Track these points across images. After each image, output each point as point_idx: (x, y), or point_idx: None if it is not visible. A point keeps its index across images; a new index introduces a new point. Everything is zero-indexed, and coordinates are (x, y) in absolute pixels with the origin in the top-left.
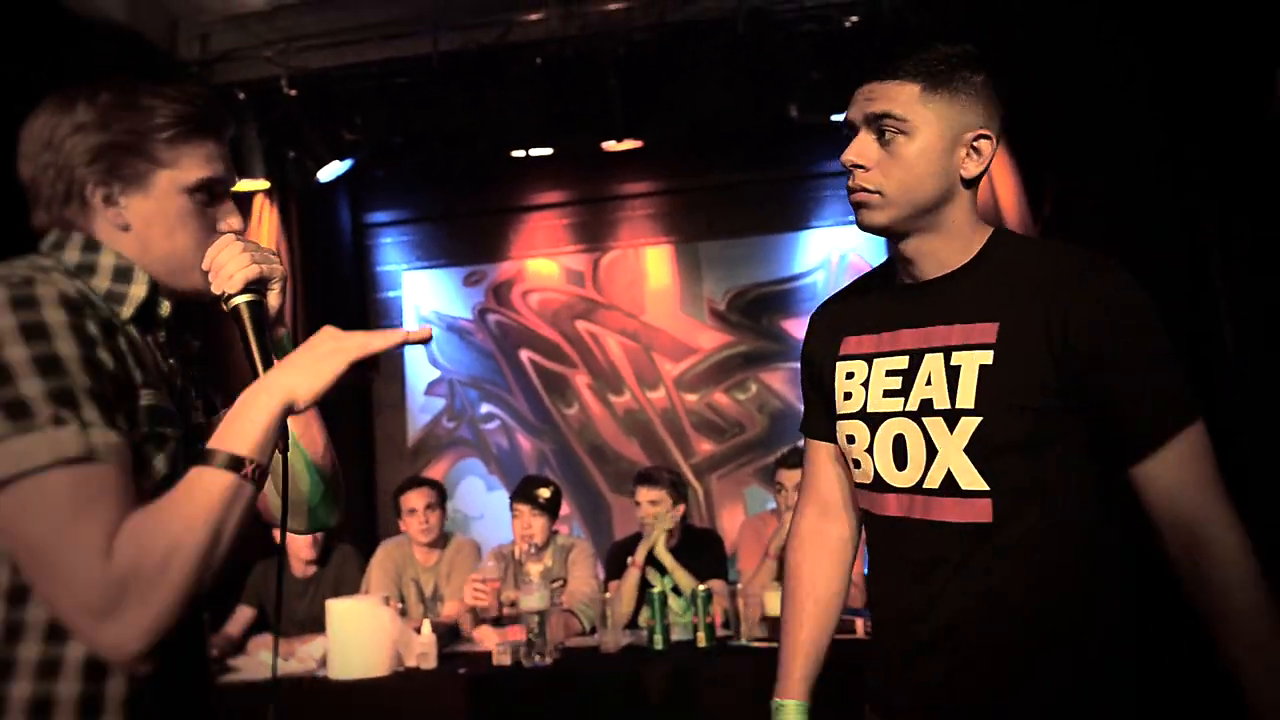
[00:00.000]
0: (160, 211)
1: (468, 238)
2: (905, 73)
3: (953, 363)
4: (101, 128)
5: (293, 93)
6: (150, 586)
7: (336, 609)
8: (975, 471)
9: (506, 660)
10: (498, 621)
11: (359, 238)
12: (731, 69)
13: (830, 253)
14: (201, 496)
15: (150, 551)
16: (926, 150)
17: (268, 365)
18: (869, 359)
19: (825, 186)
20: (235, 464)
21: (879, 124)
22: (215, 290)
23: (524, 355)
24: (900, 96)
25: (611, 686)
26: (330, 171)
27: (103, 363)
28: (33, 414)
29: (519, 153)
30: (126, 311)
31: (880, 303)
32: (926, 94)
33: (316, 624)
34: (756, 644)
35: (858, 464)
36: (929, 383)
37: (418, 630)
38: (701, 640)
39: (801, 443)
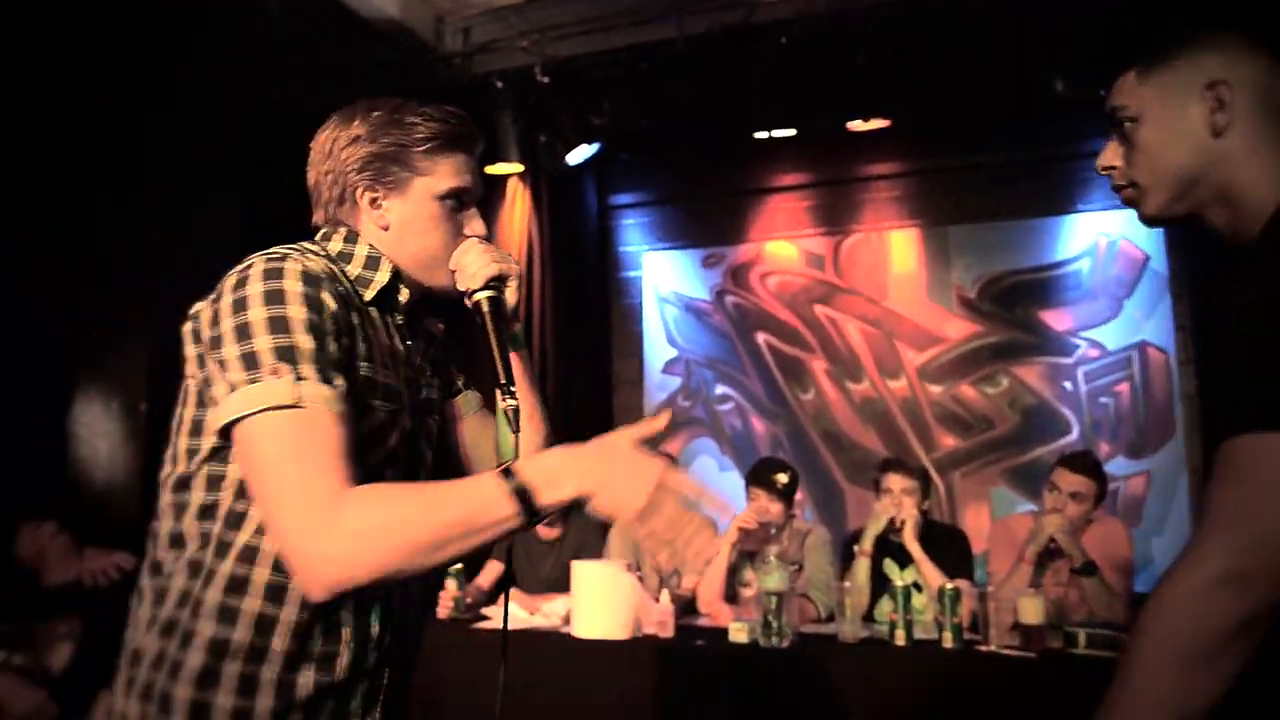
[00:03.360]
0: (415, 214)
1: (708, 220)
2: (1122, 64)
3: None
4: (371, 140)
5: (545, 80)
6: (363, 537)
7: (582, 571)
8: None
9: (743, 638)
10: (732, 600)
11: (603, 219)
12: (988, 42)
13: (1098, 239)
14: (473, 505)
15: (386, 507)
16: (1157, 127)
17: (504, 354)
18: None
19: (1092, 168)
20: (524, 499)
21: (1114, 120)
22: (460, 287)
23: (760, 338)
24: (1122, 88)
25: (849, 676)
26: (579, 155)
27: (325, 328)
28: (259, 365)
29: (761, 134)
30: (369, 294)
31: None
32: (1142, 75)
33: (559, 584)
34: (1007, 651)
35: None
36: None
37: (656, 599)
38: (947, 640)
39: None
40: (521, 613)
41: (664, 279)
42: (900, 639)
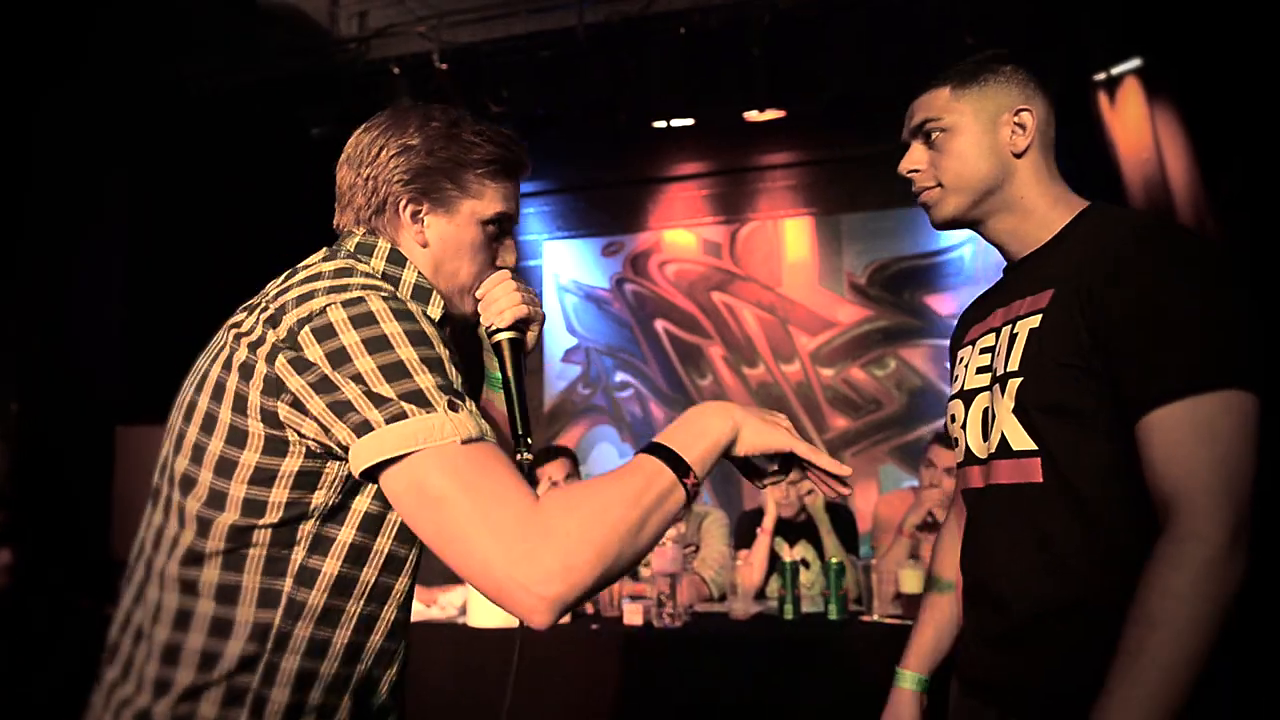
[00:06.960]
0: (457, 236)
1: (607, 208)
2: (937, 81)
3: (1014, 330)
4: (426, 152)
5: (443, 66)
6: (571, 537)
7: None
8: (1022, 430)
9: (638, 620)
10: (633, 577)
11: None
12: (880, 37)
13: None
14: (641, 478)
15: (580, 506)
16: (968, 137)
17: (522, 404)
18: (973, 343)
19: None
20: (679, 467)
21: (923, 131)
22: (484, 322)
23: (659, 325)
24: (935, 102)
25: (741, 652)
26: None
27: (458, 366)
28: (432, 403)
29: (660, 123)
30: None
31: (993, 290)
32: (956, 91)
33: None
34: (890, 620)
35: (955, 442)
36: (1000, 353)
37: None
38: (833, 613)
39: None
40: (418, 605)
41: (564, 267)
42: (788, 613)
